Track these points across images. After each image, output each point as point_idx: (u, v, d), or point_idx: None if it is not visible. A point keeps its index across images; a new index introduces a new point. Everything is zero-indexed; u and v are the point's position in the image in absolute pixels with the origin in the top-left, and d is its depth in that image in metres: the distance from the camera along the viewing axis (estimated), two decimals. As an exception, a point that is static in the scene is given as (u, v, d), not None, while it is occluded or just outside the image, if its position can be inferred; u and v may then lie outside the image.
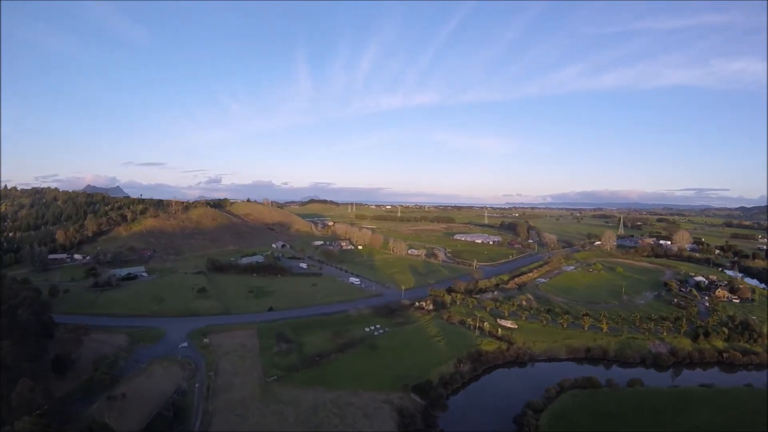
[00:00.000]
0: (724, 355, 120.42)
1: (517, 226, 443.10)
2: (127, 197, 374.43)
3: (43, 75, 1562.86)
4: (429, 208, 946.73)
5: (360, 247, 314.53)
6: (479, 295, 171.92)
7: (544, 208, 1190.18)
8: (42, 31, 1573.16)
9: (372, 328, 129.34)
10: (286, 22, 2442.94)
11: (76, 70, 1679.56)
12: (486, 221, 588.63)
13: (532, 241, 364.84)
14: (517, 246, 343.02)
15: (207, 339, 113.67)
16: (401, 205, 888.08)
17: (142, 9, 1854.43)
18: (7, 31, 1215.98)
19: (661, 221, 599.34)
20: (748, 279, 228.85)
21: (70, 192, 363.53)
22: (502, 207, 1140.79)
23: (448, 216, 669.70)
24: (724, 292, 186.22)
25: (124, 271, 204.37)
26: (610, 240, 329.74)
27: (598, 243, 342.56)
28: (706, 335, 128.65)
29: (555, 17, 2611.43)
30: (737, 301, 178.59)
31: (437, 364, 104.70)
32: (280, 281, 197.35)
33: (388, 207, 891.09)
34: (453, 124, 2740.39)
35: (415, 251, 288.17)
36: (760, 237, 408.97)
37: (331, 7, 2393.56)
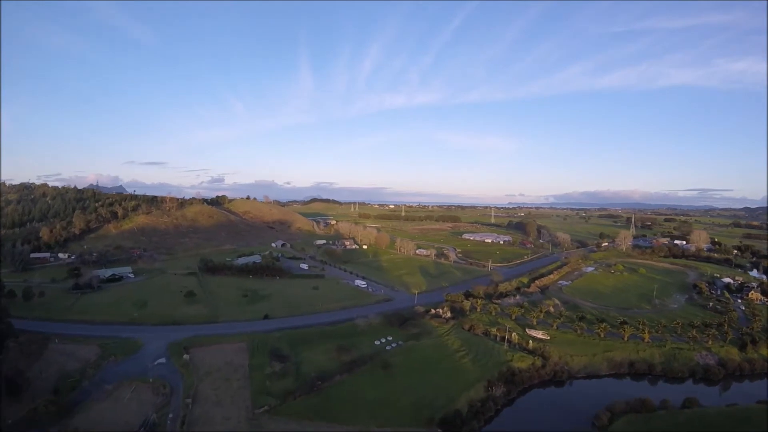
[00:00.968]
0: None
1: (526, 226, 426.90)
2: (119, 193, 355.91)
3: (46, 74, 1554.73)
4: (432, 207, 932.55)
5: (365, 246, 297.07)
6: (500, 300, 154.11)
7: (548, 208, 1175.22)
8: (46, 31, 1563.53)
9: (383, 340, 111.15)
10: (289, 21, 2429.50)
11: (79, 69, 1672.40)
12: (492, 220, 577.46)
13: (543, 240, 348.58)
14: (530, 246, 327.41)
15: (188, 355, 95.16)
16: (404, 205, 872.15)
17: (146, 9, 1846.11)
18: (12, 30, 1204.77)
19: (669, 221, 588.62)
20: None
21: (59, 187, 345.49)
22: (506, 207, 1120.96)
23: (454, 215, 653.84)
24: (758, 295, 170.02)
25: (109, 272, 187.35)
26: (626, 240, 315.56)
27: (607, 243, 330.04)
28: (753, 343, 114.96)
29: (558, 16, 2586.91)
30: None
31: (465, 388, 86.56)
32: (279, 284, 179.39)
33: (391, 206, 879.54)
34: (455, 124, 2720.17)
35: (424, 251, 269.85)
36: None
37: (333, 7, 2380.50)
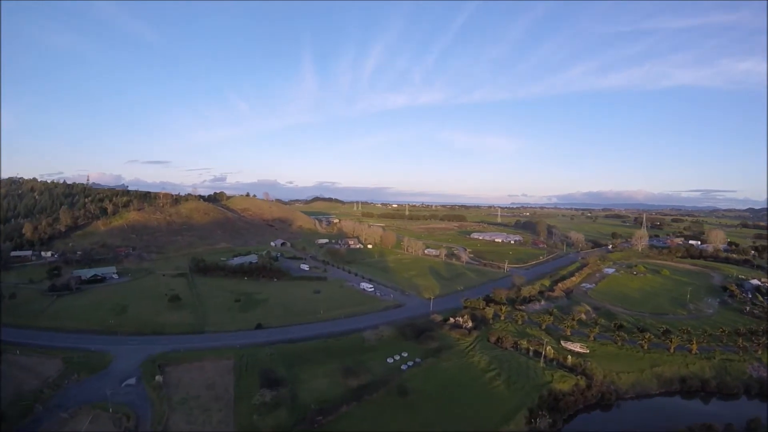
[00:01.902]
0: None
1: (536, 225, 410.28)
2: (112, 189, 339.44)
3: (49, 73, 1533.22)
4: (436, 207, 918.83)
5: (370, 246, 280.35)
6: (524, 306, 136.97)
7: (552, 208, 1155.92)
8: (49, 30, 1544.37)
9: (397, 358, 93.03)
10: (293, 21, 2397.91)
11: (82, 68, 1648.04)
12: (499, 220, 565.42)
13: (555, 240, 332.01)
14: (543, 246, 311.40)
15: (161, 376, 77.69)
16: (407, 204, 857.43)
17: (151, 9, 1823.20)
18: (14, 29, 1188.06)
19: (677, 221, 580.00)
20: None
21: (48, 182, 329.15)
22: (509, 207, 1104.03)
23: (459, 214, 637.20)
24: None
25: (91, 272, 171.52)
26: (642, 240, 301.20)
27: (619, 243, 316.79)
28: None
29: (562, 16, 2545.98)
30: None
31: (503, 420, 69.52)
32: (276, 286, 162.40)
33: (394, 206, 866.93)
34: (458, 124, 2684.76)
35: (433, 251, 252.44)
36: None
37: (337, 8, 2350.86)
